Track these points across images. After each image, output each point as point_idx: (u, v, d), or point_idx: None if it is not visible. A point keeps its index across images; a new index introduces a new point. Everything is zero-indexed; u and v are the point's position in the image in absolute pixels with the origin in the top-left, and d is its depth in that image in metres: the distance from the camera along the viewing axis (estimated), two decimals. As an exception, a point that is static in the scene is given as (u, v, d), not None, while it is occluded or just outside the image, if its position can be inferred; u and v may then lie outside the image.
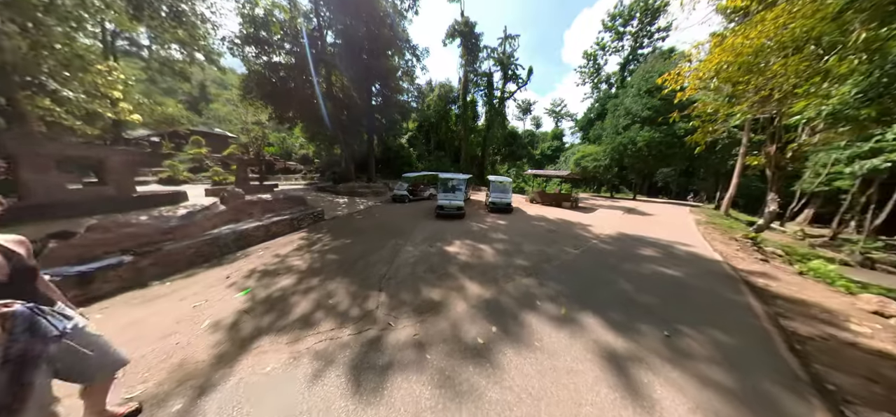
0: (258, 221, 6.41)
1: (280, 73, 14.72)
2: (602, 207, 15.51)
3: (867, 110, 6.27)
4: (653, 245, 7.12)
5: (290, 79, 14.78)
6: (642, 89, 21.08)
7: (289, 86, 14.81)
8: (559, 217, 10.88)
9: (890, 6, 5.03)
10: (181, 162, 19.93)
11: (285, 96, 15.19)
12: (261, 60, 14.45)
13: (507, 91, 29.81)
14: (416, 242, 6.06)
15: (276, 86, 14.67)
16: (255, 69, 14.56)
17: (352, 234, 6.83)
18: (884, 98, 5.79)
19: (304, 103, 16.07)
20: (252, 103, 15.82)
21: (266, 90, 14.69)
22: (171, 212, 5.96)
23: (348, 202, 12.39)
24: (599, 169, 23.40)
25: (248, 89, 14.85)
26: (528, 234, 7.41)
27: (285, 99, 15.32)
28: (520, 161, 35.95)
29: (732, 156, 18.35)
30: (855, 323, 3.78)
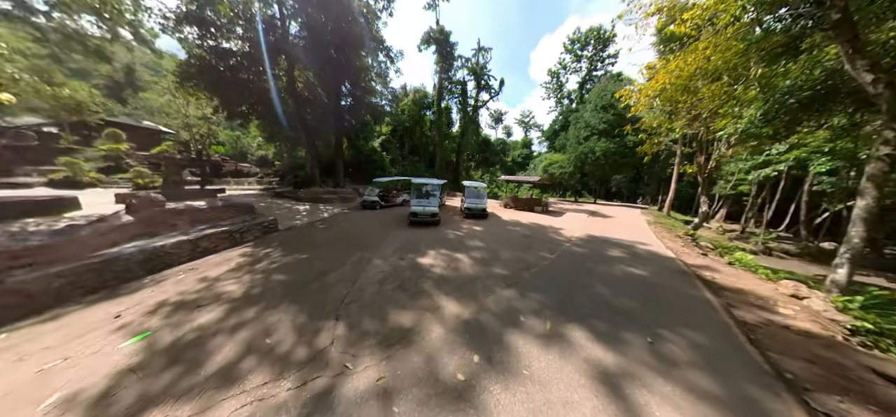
0: (183, 236, 5.13)
1: (230, 61, 12.90)
2: (569, 210, 16.43)
3: (766, 129, 7.54)
4: (618, 245, 7.52)
5: (243, 68, 13.04)
6: (598, 105, 23.24)
7: (240, 76, 13.05)
8: (532, 221, 11.13)
9: (776, 50, 6.17)
10: (88, 159, 16.37)
11: (236, 88, 13.36)
12: (206, 45, 12.51)
13: (480, 100, 30.65)
14: (386, 254, 5.47)
15: (224, 75, 12.75)
16: (198, 54, 12.57)
17: (309, 248, 5.96)
18: (775, 121, 7.01)
19: (259, 97, 14.37)
20: (193, 93, 13.60)
21: (211, 79, 12.69)
22: (44, 226, 4.53)
23: (310, 210, 11.19)
24: (565, 175, 25.07)
25: (186, 76, 12.66)
26: (504, 240, 7.30)
27: (236, 91, 13.49)
28: (493, 167, 37.04)
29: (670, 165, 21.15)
30: (781, 307, 4.28)
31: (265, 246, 6.03)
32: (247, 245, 6.11)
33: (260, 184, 19.75)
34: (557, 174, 25.10)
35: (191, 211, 6.16)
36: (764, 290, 4.90)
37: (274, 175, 20.65)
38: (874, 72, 4.90)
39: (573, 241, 7.75)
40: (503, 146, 46.45)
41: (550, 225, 10.49)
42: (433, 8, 27.02)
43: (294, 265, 4.79)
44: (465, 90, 29.71)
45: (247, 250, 5.70)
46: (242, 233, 6.33)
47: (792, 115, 6.77)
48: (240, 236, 6.23)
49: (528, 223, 10.61)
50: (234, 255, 5.27)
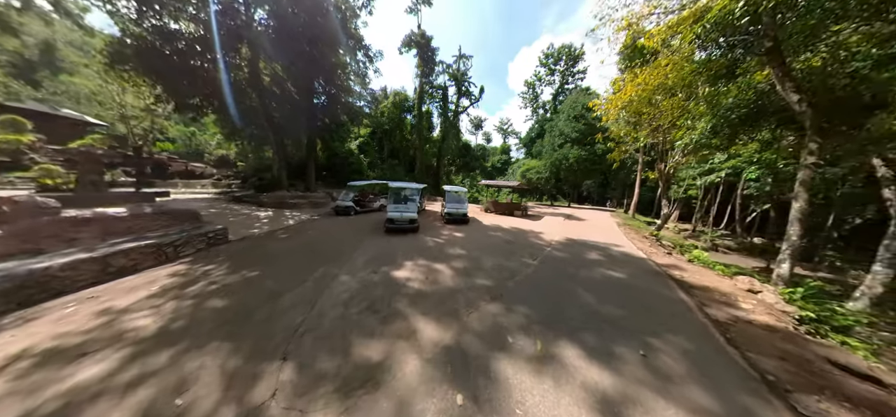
0: (84, 253, 3.98)
1: (178, 44, 11.17)
2: (547, 214, 16.88)
3: (715, 140, 8.33)
4: (595, 248, 7.67)
5: (195, 54, 11.42)
6: (571, 115, 24.57)
7: (190, 63, 11.41)
8: (513, 225, 11.12)
9: (719, 71, 6.87)
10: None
11: (185, 76, 11.61)
12: (146, 23, 10.63)
13: (461, 105, 30.86)
14: (356, 268, 4.84)
15: (169, 59, 10.94)
16: (137, 33, 10.65)
17: (262, 263, 5.08)
18: (721, 134, 7.79)
19: (215, 89, 12.73)
20: (128, 78, 11.56)
21: (152, 63, 10.73)
22: None
23: (273, 216, 10.02)
24: (541, 180, 26.00)
25: (118, 57, 10.65)
26: (486, 247, 7.06)
27: (186, 79, 11.75)
28: (473, 172, 37.41)
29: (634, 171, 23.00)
30: (742, 301, 4.53)
31: (207, 261, 5.04)
32: (183, 261, 5.03)
33: (216, 186, 17.60)
34: (535, 179, 25.96)
35: (102, 221, 4.96)
36: (725, 287, 5.18)
37: (234, 177, 18.51)
38: (799, 92, 5.53)
39: (554, 245, 7.75)
40: (483, 152, 47.33)
41: (531, 229, 10.54)
42: (415, 12, 26.83)
43: (239, 285, 3.96)
44: (445, 95, 29.75)
45: (180, 268, 4.65)
46: (177, 247, 5.22)
47: (733, 129, 7.54)
48: (174, 250, 5.13)
49: (509, 227, 10.57)
50: (159, 276, 4.24)
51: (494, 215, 14.58)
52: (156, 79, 11.54)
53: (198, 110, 13.67)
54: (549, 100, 43.54)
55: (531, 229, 10.47)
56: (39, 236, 4.16)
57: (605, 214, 20.06)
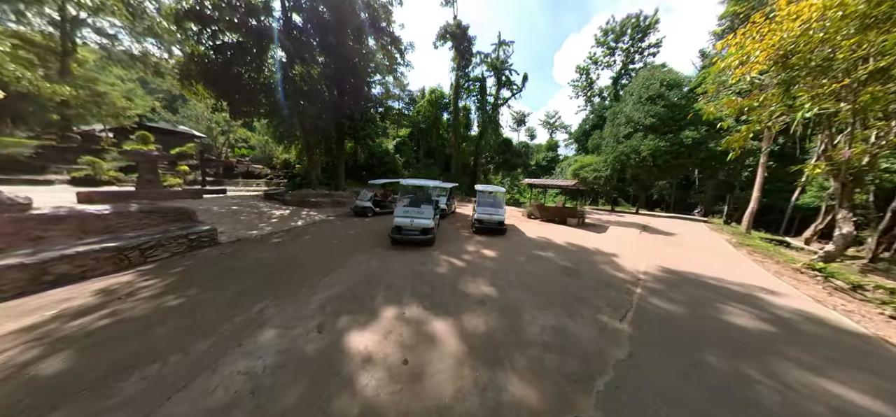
0: (16, 258, 3.31)
1: (228, 54, 11.83)
2: (611, 223, 12.84)
3: None
4: (728, 296, 4.30)
5: (236, 61, 11.86)
6: (643, 97, 19.08)
7: (233, 70, 11.87)
8: (568, 240, 8.05)
9: None
10: (115, 159, 16.51)
11: (233, 83, 12.25)
12: (205, 41, 11.62)
13: (501, 97, 27.68)
14: (306, 312, 3.02)
15: (220, 70, 11.70)
16: (199, 50, 11.71)
17: (209, 282, 3.74)
18: None
19: (253, 93, 13.15)
20: (193, 90, 12.81)
21: (209, 75, 11.74)
22: None
23: (288, 215, 9.30)
24: (599, 180, 21.04)
25: (186, 74, 11.88)
26: (530, 282, 4.46)
27: (234, 87, 12.40)
28: (515, 171, 33.61)
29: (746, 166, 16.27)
30: None
31: (160, 273, 3.97)
32: (144, 267, 4.20)
33: (268, 185, 18.93)
34: (591, 178, 21.17)
35: (78, 219, 4.42)
36: None
37: (283, 176, 19.85)
38: None
39: (646, 284, 4.67)
40: (526, 149, 42.69)
41: (596, 247, 7.34)
42: (450, 3, 24.98)
43: (134, 328, 2.58)
44: (483, 87, 27.02)
45: (127, 279, 3.70)
46: (145, 251, 4.40)
47: None
48: (140, 255, 4.33)
49: (564, 243, 7.58)
50: (85, 291, 3.27)
51: (540, 222, 11.49)
52: (212, 89, 12.49)
53: (247, 115, 14.51)
54: (607, 86, 36.49)
55: (597, 248, 7.28)
56: (1, 235, 3.65)
57: (698, 226, 14.59)
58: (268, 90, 13.54)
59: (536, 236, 8.37)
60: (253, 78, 12.89)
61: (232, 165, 20.59)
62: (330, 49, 12.81)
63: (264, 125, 18.26)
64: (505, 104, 28.16)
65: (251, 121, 15.84)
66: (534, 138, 58.44)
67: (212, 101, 13.25)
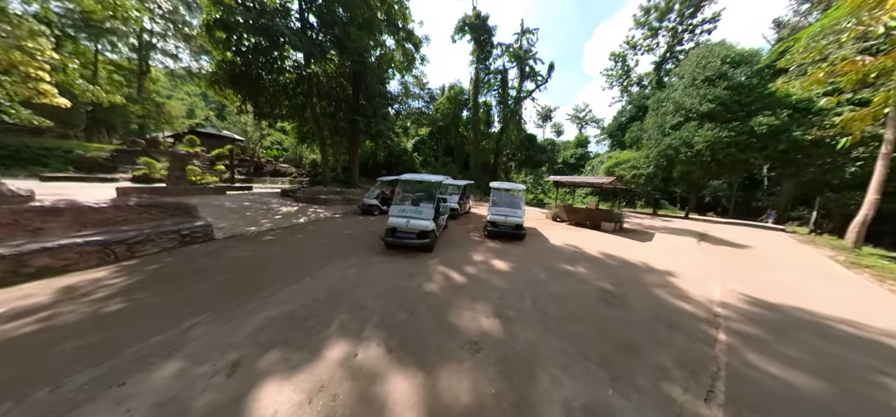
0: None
1: (248, 56, 12.16)
2: (655, 229, 10.65)
3: None
4: (884, 356, 2.63)
5: (255, 65, 12.10)
6: (698, 79, 15.96)
7: (253, 73, 12.13)
8: (603, 250, 6.47)
9: None
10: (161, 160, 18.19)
11: (255, 86, 12.60)
12: (231, 47, 12.05)
13: (524, 90, 25.67)
14: (227, 341, 2.23)
15: (243, 73, 12.10)
16: (227, 57, 12.21)
17: (168, 284, 3.26)
18: None
19: (274, 93, 13.42)
20: (221, 94, 13.45)
21: (234, 79, 12.24)
22: None
23: (294, 212, 9.00)
24: (639, 178, 18.23)
25: (214, 79, 12.55)
26: (553, 313, 3.20)
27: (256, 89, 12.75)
28: (539, 168, 31.21)
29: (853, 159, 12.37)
30: None
31: (136, 270, 3.68)
32: (131, 261, 3.99)
33: (291, 183, 19.61)
34: (628, 176, 18.45)
35: (75, 212, 4.30)
36: None
37: (305, 175, 20.50)
38: None
39: (732, 325, 3.13)
40: (552, 146, 39.68)
41: (643, 261, 5.70)
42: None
43: (52, 333, 2.14)
44: (504, 80, 25.28)
45: (99, 276, 3.41)
46: (132, 245, 4.18)
47: None
48: (126, 249, 4.10)
49: (598, 254, 6.05)
50: (49, 288, 2.99)
51: (566, 226, 9.87)
52: (238, 92, 13.04)
53: (270, 116, 14.97)
54: (648, 73, 32.24)
55: (644, 262, 5.65)
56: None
57: (777, 237, 11.61)
58: (288, 91, 13.78)
59: (563, 243, 6.91)
60: (273, 80, 13.16)
61: (262, 165, 21.80)
62: (343, 46, 12.47)
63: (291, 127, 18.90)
64: (528, 97, 26.06)
65: (274, 121, 16.39)
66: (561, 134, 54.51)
67: (238, 104, 13.79)
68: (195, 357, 2.02)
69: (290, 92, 13.73)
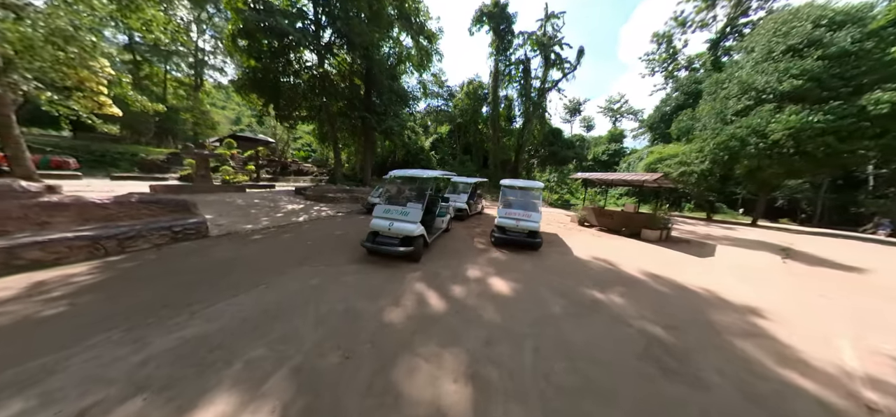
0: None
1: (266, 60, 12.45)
2: (714, 239, 8.41)
3: None
4: None
5: (272, 69, 12.33)
6: (776, 50, 12.66)
7: (271, 77, 12.38)
8: (648, 269, 4.88)
9: None
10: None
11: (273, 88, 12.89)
12: (253, 53, 12.45)
13: (548, 80, 23.39)
14: (102, 375, 1.65)
15: (262, 77, 12.45)
16: (251, 64, 12.67)
17: (119, 287, 2.94)
18: None
19: (293, 98, 13.63)
20: (249, 100, 14.06)
21: (257, 85, 12.70)
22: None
23: (297, 210, 8.76)
24: (690, 176, 15.23)
25: (240, 86, 13.15)
26: (565, 376, 2.07)
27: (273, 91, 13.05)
28: (565, 166, 28.45)
29: None
30: None
31: (114, 267, 3.59)
32: (120, 256, 3.95)
33: (312, 181, 20.22)
34: (675, 174, 15.55)
35: (80, 207, 4.48)
36: None
37: (325, 174, 21.06)
38: None
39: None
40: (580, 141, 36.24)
41: (707, 288, 4.05)
42: (490, -20, 22.13)
43: None
44: (527, 70, 23.27)
45: (76, 271, 3.33)
46: (123, 241, 4.15)
47: None
48: (117, 244, 4.09)
49: (639, 274, 4.54)
50: (21, 283, 2.95)
51: (596, 232, 8.20)
52: (260, 95, 13.52)
53: (289, 118, 15.37)
54: (701, 53, 27.56)
55: (710, 291, 4.01)
56: (6, 218, 3.79)
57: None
58: (304, 93, 13.95)
59: (590, 256, 5.47)
60: (290, 84, 13.40)
61: (287, 164, 22.89)
62: (350, 42, 12.10)
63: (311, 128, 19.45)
64: (554, 88, 23.67)
65: (295, 123, 16.86)
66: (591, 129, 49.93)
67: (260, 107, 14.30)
68: (50, 395, 1.58)
69: (307, 93, 13.88)
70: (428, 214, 5.34)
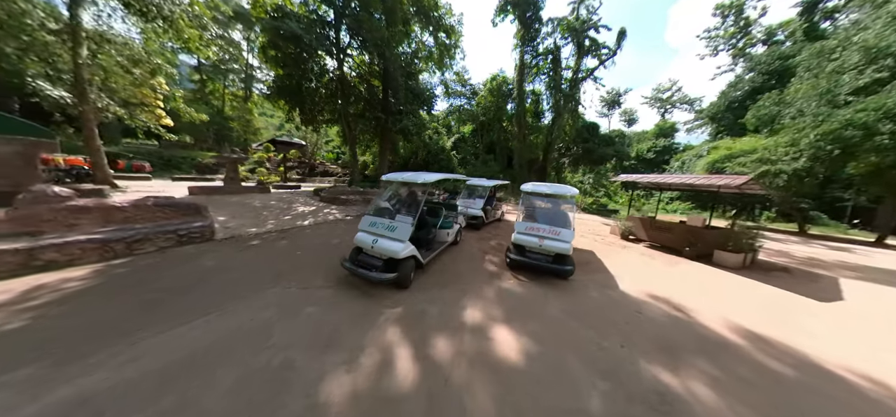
0: (11, 244, 3.46)
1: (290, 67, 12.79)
2: (820, 263, 5.97)
3: None
4: None
5: (294, 75, 12.60)
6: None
7: (293, 82, 12.67)
8: (734, 318, 3.28)
9: None
10: (245, 164, 21.64)
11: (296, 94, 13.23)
12: (279, 62, 12.93)
13: (582, 69, 20.71)
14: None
15: (287, 83, 12.85)
16: (279, 72, 13.22)
17: (97, 298, 2.68)
18: None
19: (316, 102, 13.86)
20: (279, 106, 14.74)
21: (282, 91, 13.14)
22: None
23: (308, 212, 8.58)
24: (776, 177, 11.81)
25: (271, 92, 13.77)
26: None
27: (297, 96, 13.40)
28: (602, 165, 25.08)
29: None
30: None
31: (110, 271, 3.63)
32: (127, 258, 4.05)
33: (336, 182, 20.83)
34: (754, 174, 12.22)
35: (102, 210, 4.67)
36: None
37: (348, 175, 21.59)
38: None
39: None
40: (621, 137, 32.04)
41: (869, 377, 2.43)
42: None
43: None
44: (556, 59, 20.91)
45: (75, 274, 3.37)
46: (131, 243, 4.28)
47: None
48: (126, 247, 4.21)
49: (727, 333, 3.00)
50: (18, 287, 3.00)
51: (645, 249, 6.42)
52: (286, 101, 14.06)
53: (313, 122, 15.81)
54: (789, 21, 22.03)
55: (872, 378, 2.38)
56: (39, 220, 4.12)
57: None
58: (325, 97, 14.17)
59: (644, 293, 3.97)
60: (312, 88, 13.66)
61: (314, 166, 24.03)
62: (363, 40, 11.75)
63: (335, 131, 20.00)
64: (588, 77, 20.87)
65: (318, 126, 17.38)
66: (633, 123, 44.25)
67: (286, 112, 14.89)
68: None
69: (328, 97, 14.06)
70: (423, 228, 4.41)
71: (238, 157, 12.53)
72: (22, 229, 3.91)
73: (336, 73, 12.80)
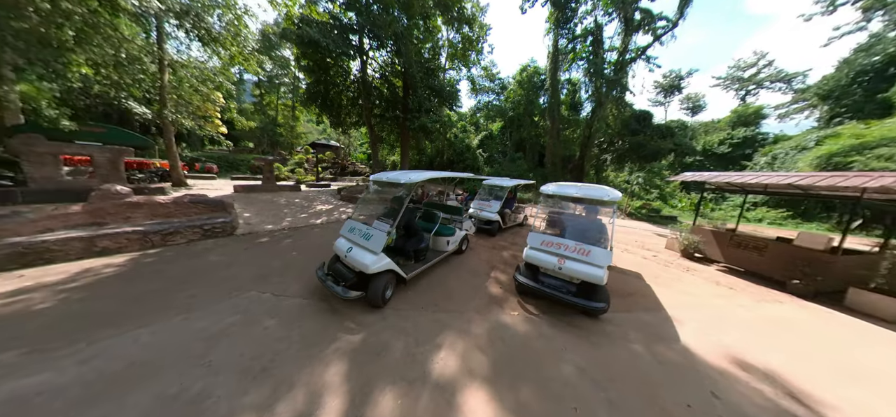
0: (79, 232, 4.10)
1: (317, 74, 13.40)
2: None
3: None
4: None
5: (321, 81, 13.14)
6: None
7: (320, 88, 13.23)
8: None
9: None
10: (287, 164, 23.78)
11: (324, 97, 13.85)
12: (311, 71, 13.68)
13: (631, 48, 17.46)
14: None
15: (317, 89, 13.55)
16: (309, 80, 14.05)
17: (117, 286, 3.05)
18: None
19: (342, 103, 14.33)
20: (310, 111, 15.74)
21: (313, 98, 13.91)
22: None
23: (324, 211, 8.73)
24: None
25: (304, 99, 14.75)
26: None
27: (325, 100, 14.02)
28: (656, 162, 20.98)
29: None
30: None
31: (143, 260, 4.05)
32: (161, 248, 4.52)
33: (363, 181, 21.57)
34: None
35: (150, 205, 5.32)
36: None
37: (374, 175, 22.44)
38: None
39: None
40: (681, 128, 26.74)
41: None
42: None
43: None
44: (598, 39, 18.05)
45: (118, 261, 3.81)
46: (165, 236, 4.76)
47: None
48: (160, 238, 4.70)
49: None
50: (72, 270, 3.39)
51: (718, 273, 4.63)
52: (317, 107, 14.89)
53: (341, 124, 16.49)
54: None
55: None
56: (105, 213, 4.78)
57: None
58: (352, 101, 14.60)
59: (726, 357, 2.59)
60: (338, 92, 14.15)
61: (345, 166, 25.47)
62: (382, 38, 11.54)
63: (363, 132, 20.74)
64: (640, 57, 17.48)
65: (347, 128, 18.10)
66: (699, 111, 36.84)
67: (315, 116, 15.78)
68: None
69: (353, 100, 14.43)
70: (413, 236, 3.69)
71: (273, 159, 13.59)
72: (92, 220, 4.60)
73: (358, 76, 12.95)
